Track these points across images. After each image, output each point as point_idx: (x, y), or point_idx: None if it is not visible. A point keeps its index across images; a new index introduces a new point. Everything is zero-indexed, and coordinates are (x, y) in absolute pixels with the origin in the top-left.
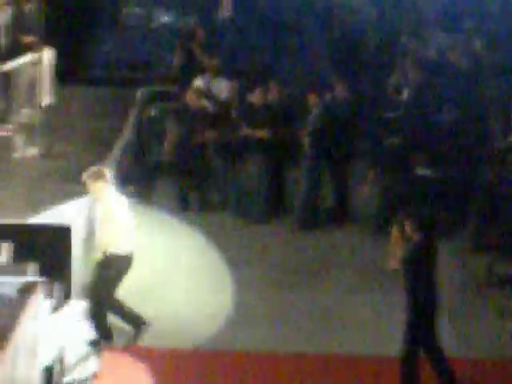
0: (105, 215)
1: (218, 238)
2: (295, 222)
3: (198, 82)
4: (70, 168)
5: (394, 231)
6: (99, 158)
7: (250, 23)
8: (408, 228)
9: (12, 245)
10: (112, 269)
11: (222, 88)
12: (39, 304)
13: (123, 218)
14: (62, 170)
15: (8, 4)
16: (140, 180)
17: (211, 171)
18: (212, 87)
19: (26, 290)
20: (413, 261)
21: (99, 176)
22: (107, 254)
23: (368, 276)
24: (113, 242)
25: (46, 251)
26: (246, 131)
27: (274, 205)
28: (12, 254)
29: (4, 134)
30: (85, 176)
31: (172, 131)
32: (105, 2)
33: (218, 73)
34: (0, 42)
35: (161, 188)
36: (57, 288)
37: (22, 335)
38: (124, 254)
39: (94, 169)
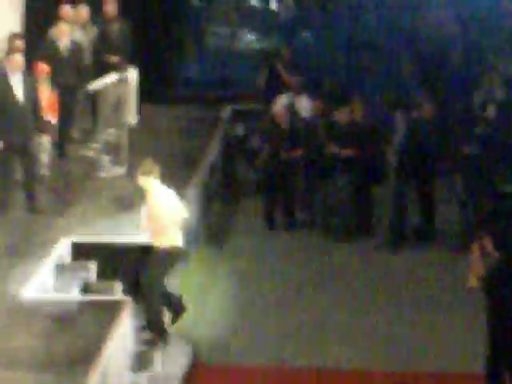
0: (152, 210)
1: (304, 256)
2: (382, 241)
3: (282, 101)
4: None
5: (474, 248)
6: (185, 176)
7: (335, 41)
8: (488, 245)
9: (98, 264)
10: (161, 263)
11: (306, 106)
12: (125, 322)
13: (171, 213)
14: None
15: (93, 23)
16: (226, 199)
17: (297, 190)
18: (296, 105)
19: (113, 309)
20: (493, 279)
21: (147, 171)
22: (156, 248)
23: (457, 294)
24: (161, 237)
25: (132, 270)
26: (332, 149)
27: (360, 223)
28: (98, 273)
29: (90, 153)
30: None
31: (259, 149)
32: (190, 21)
33: (302, 91)
34: (85, 61)
35: (247, 206)
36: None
37: (110, 353)
38: (173, 249)
39: (144, 163)
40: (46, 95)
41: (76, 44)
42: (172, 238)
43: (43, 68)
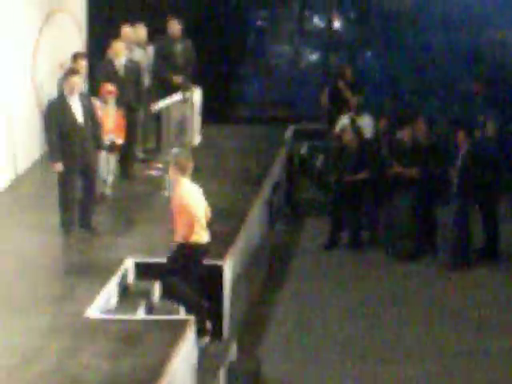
0: (178, 207)
1: (367, 275)
2: (445, 260)
3: (344, 120)
4: (219, 207)
5: None
6: (249, 195)
7: (397, 61)
8: None
9: (162, 284)
10: (187, 259)
11: (368, 126)
12: (190, 341)
13: (197, 209)
14: (212, 209)
15: (156, 43)
16: (290, 218)
17: (361, 209)
18: (358, 125)
19: (177, 328)
20: None
21: (181, 168)
22: (182, 244)
23: None
24: (187, 232)
25: (196, 289)
26: (395, 169)
27: (424, 243)
28: (162, 293)
29: (154, 173)
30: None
31: (323, 169)
32: (253, 41)
33: (364, 111)
34: (144, 80)
35: (310, 225)
36: (209, 324)
37: (175, 372)
38: (199, 244)
39: (179, 158)
40: (112, 115)
41: (133, 63)
42: (197, 234)
43: (109, 88)
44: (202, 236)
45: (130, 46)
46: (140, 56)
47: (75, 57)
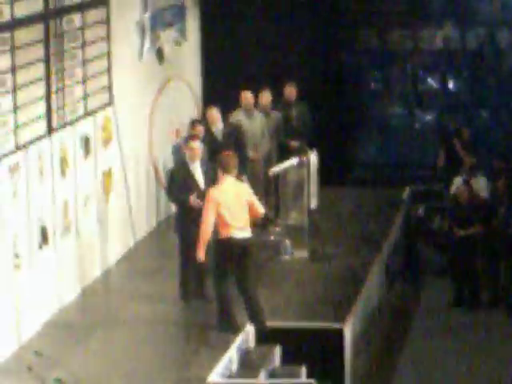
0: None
1: (487, 335)
2: None
3: (459, 181)
4: (337, 270)
5: None
6: (368, 257)
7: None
8: None
9: (282, 348)
10: (223, 255)
11: (483, 187)
12: None
13: (235, 207)
14: (329, 272)
15: (273, 109)
16: (408, 279)
17: (480, 269)
18: (474, 185)
19: None
20: None
21: (226, 169)
22: (218, 240)
23: None
24: (224, 229)
25: (316, 353)
26: None
27: None
28: (282, 357)
29: (272, 237)
30: None
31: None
32: (368, 103)
33: (479, 171)
34: (263, 145)
35: (429, 286)
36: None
37: None
38: (235, 241)
39: (226, 159)
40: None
41: (232, 127)
42: (231, 231)
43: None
44: (235, 233)
45: (251, 112)
46: (261, 121)
47: (193, 123)
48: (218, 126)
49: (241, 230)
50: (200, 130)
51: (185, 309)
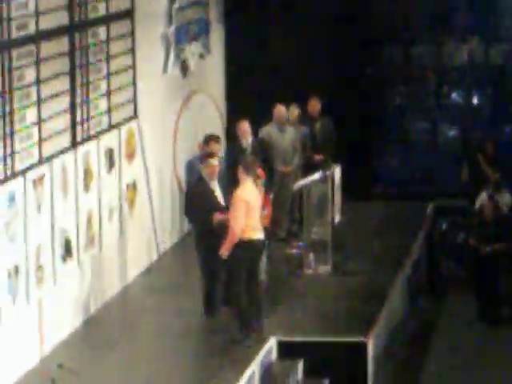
0: (234, 205)
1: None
2: None
3: (483, 196)
4: (360, 285)
5: None
6: (391, 272)
7: None
8: None
9: (305, 362)
10: (240, 255)
11: (508, 202)
12: None
13: (251, 208)
14: (352, 287)
15: (299, 123)
16: (431, 294)
17: (503, 284)
18: (498, 200)
19: None
20: None
21: (246, 170)
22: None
23: None
24: (248, 230)
25: (339, 367)
26: None
27: None
28: (305, 372)
29: (295, 251)
30: None
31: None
32: (391, 118)
33: (503, 186)
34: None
35: (452, 302)
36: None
37: None
38: (250, 242)
39: (248, 161)
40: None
41: (261, 141)
42: (254, 232)
43: (260, 173)
44: (254, 234)
45: (283, 126)
46: (292, 135)
47: (207, 140)
48: (248, 140)
49: (260, 232)
50: (216, 147)
51: (207, 323)
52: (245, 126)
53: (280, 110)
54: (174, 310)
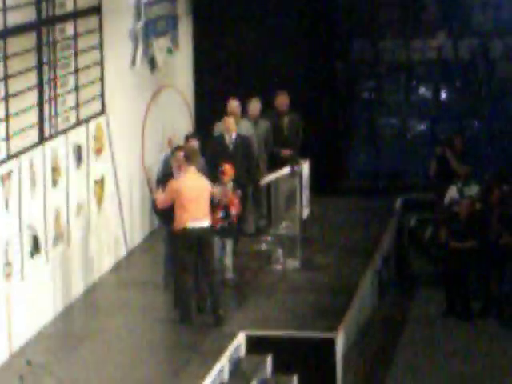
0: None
1: (479, 346)
2: None
3: (452, 190)
4: (329, 280)
5: None
6: (359, 267)
7: (506, 130)
8: None
9: (274, 357)
10: (177, 244)
11: (476, 196)
12: None
13: (187, 200)
14: (321, 282)
15: (265, 117)
16: (400, 289)
17: (472, 279)
18: (466, 195)
19: None
20: None
21: (188, 158)
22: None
23: None
24: (178, 218)
25: (308, 363)
26: (506, 239)
27: None
28: (274, 367)
29: (264, 247)
30: None
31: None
32: (360, 113)
33: (472, 180)
34: (253, 155)
35: (420, 297)
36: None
37: None
38: (183, 230)
39: (188, 149)
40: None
41: (243, 138)
42: (183, 220)
43: (229, 170)
44: (189, 224)
45: (237, 120)
46: (249, 130)
47: (187, 138)
48: (231, 136)
49: (199, 221)
50: (193, 144)
51: (175, 318)
52: (230, 122)
53: (233, 105)
54: (143, 306)
